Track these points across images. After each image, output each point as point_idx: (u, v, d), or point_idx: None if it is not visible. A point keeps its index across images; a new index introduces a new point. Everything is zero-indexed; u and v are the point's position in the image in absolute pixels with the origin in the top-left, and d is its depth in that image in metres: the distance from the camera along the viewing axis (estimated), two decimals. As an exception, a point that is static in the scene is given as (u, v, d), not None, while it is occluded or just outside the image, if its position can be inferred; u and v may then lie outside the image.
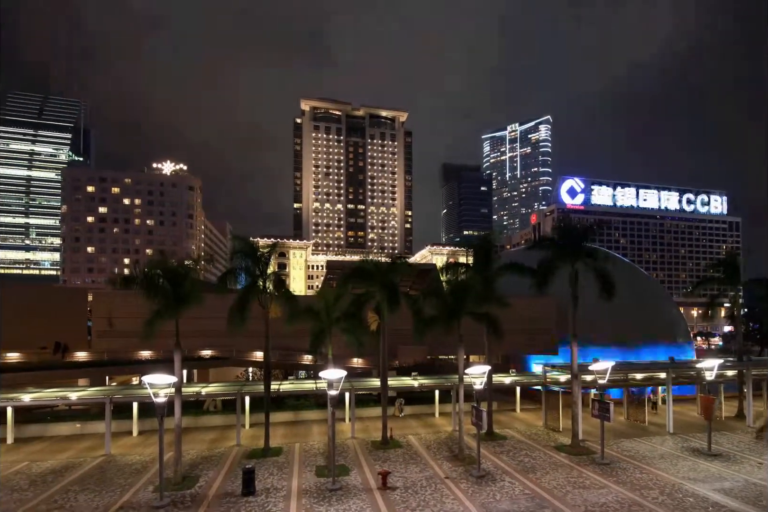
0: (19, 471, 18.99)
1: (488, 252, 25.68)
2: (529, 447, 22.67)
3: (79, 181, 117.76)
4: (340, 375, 18.07)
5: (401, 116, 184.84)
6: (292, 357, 32.70)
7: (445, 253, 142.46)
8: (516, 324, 35.91)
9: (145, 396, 21.54)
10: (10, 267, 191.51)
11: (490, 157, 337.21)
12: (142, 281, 18.56)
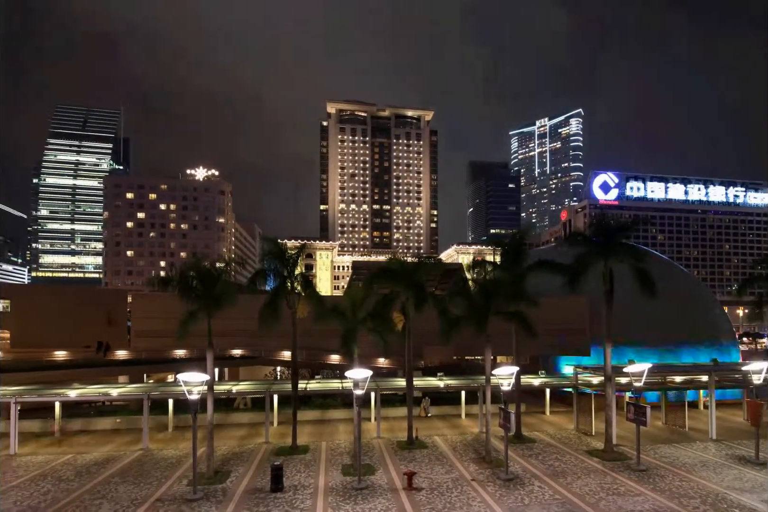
0: (66, 463, 20.23)
1: (517, 249, 25.08)
2: (559, 450, 22.05)
3: (119, 188, 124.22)
4: (366, 374, 18.17)
5: (427, 115, 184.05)
6: (318, 356, 33.25)
7: (471, 252, 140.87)
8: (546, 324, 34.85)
9: (179, 394, 22.45)
10: (58, 271, 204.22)
11: (518, 154, 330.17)
12: (177, 283, 19.39)
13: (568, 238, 24.88)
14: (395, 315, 24.48)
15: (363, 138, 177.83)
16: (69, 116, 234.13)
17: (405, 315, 24.10)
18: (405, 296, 23.56)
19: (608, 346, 22.71)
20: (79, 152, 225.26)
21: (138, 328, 38.14)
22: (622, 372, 22.58)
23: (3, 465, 19.79)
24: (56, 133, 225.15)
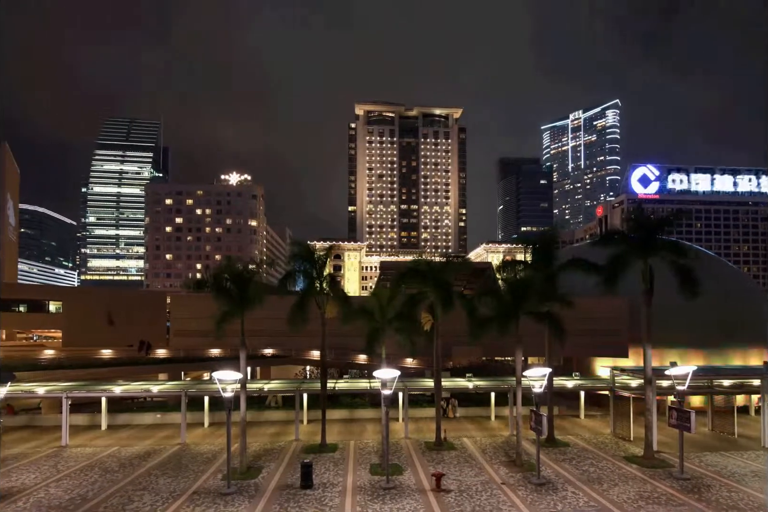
0: (111, 455, 21.44)
1: (549, 248, 24.37)
2: (594, 456, 21.24)
3: (158, 195, 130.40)
4: (394, 374, 18.20)
5: (455, 113, 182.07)
6: (347, 356, 33.59)
7: (501, 251, 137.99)
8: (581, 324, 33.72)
9: (214, 391, 23.23)
10: (104, 274, 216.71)
11: (551, 149, 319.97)
12: (212, 285, 20.14)
13: (604, 235, 23.89)
14: (423, 315, 24.36)
15: (390, 138, 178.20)
16: (114, 128, 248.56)
17: (433, 316, 23.92)
18: (433, 296, 23.38)
19: (648, 348, 21.69)
20: (123, 162, 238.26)
21: (176, 328, 39.87)
22: (664, 374, 21.45)
23: (56, 456, 21.20)
24: (103, 145, 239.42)
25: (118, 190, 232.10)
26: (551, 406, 24.20)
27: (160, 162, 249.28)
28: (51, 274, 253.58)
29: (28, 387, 24.83)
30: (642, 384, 22.73)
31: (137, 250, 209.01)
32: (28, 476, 18.48)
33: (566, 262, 23.94)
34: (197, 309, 35.13)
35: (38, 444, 23.25)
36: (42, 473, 18.87)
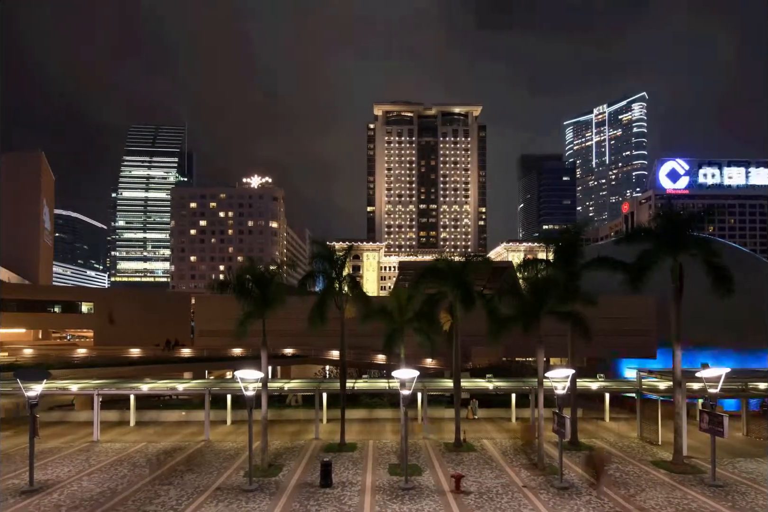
0: (139, 450, 22.18)
1: (572, 246, 23.79)
2: (620, 460, 20.61)
3: (183, 199, 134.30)
4: (413, 375, 18.14)
5: (475, 111, 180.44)
6: (366, 356, 33.72)
7: (522, 250, 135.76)
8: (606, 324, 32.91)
9: (237, 390, 23.78)
10: (132, 276, 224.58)
11: (574, 144, 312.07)
12: (234, 286, 20.54)
13: (630, 232, 23.14)
14: (442, 315, 24.22)
15: (409, 138, 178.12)
16: (141, 134, 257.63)
17: (452, 316, 23.75)
18: (452, 296, 23.22)
19: (677, 349, 20.87)
20: (149, 167, 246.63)
21: (200, 328, 40.95)
22: (695, 377, 20.64)
23: (88, 450, 22.08)
24: (130, 151, 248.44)
25: (145, 194, 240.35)
26: (575, 408, 23.64)
27: (185, 166, 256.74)
28: (83, 276, 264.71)
29: (62, 385, 25.94)
30: (671, 387, 21.92)
31: (163, 252, 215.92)
32: (63, 469, 19.30)
33: (591, 260, 23.34)
34: (220, 309, 35.95)
35: (71, 439, 24.26)
36: (75, 467, 19.67)
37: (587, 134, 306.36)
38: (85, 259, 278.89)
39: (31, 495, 16.42)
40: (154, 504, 15.68)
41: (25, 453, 19.93)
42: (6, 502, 15.76)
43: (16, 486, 17.15)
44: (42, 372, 19.95)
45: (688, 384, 22.07)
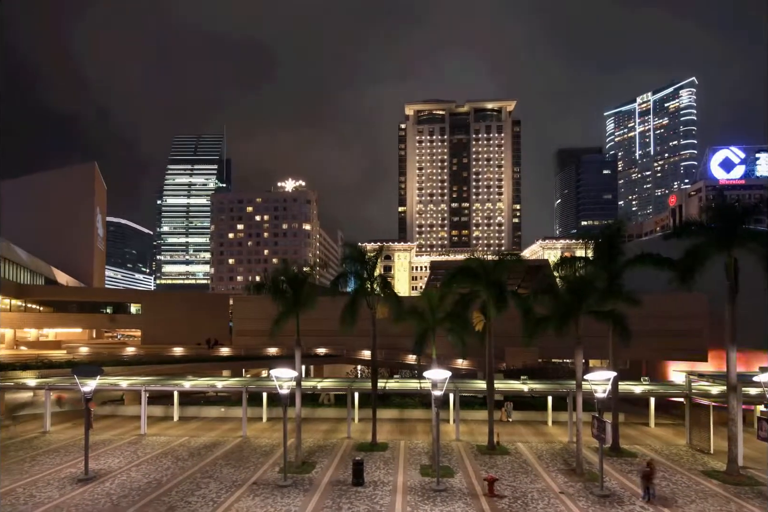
0: (182, 444, 23.27)
1: (614, 242, 22.67)
2: (667, 468, 19.44)
3: (222, 204, 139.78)
4: (445, 375, 17.97)
5: (509, 106, 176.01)
6: (397, 356, 33.75)
7: (559, 247, 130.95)
8: (651, 324, 31.36)
9: (272, 388, 24.33)
10: (175, 279, 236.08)
11: (615, 136, 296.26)
12: (269, 287, 21.13)
13: (678, 226, 21.75)
14: (475, 315, 23.76)
15: (441, 136, 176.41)
16: (183, 143, 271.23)
17: (485, 316, 23.24)
18: (485, 295, 22.73)
19: (732, 351, 19.41)
20: (191, 174, 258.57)
21: (238, 328, 42.51)
22: (752, 381, 19.17)
23: (136, 443, 23.42)
24: (174, 160, 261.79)
25: (187, 201, 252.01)
26: (616, 413, 22.58)
27: (223, 173, 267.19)
28: (132, 279, 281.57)
29: (113, 381, 27.65)
30: (724, 392, 20.46)
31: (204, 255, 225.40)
32: (113, 460, 20.57)
33: (634, 257, 22.15)
34: (257, 310, 37.18)
35: (121, 432, 25.81)
36: (124, 458, 20.90)
37: (630, 124, 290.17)
38: (134, 263, 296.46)
39: (86, 483, 17.61)
40: (195, 496, 16.39)
41: (81, 444, 21.38)
42: (65, 489, 16.99)
43: (74, 475, 18.44)
44: (96, 369, 21.25)
45: (743, 389, 20.51)
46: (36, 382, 27.57)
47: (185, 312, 48.46)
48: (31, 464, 19.87)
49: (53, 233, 79.73)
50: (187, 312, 48.66)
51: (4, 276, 44.09)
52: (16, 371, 29.91)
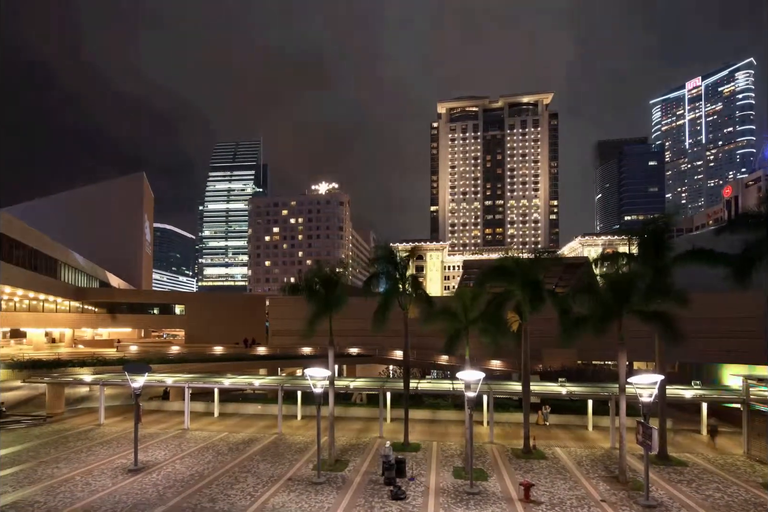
0: (222, 439, 24.20)
1: (661, 237, 21.27)
2: (721, 479, 18.11)
3: (259, 208, 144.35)
4: (478, 376, 17.63)
5: (545, 98, 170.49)
6: (429, 356, 33.47)
7: (600, 244, 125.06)
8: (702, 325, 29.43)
9: (306, 387, 24.95)
10: (215, 281, 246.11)
11: (662, 125, 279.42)
12: (303, 288, 21.58)
13: (734, 219, 20.20)
14: (510, 315, 23.16)
15: (474, 133, 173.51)
16: (223, 151, 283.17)
17: (520, 316, 22.62)
18: (520, 295, 22.08)
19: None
20: (230, 180, 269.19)
21: (274, 328, 43.74)
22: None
23: (180, 437, 24.59)
24: (214, 167, 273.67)
25: (227, 206, 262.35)
26: (663, 418, 21.27)
27: (260, 178, 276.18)
28: (176, 282, 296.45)
29: (159, 378, 29.15)
30: (787, 398, 18.84)
31: (242, 258, 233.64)
32: (160, 453, 21.68)
33: (684, 253, 20.75)
34: (291, 310, 38.07)
35: (167, 426, 27.18)
36: (170, 451, 21.99)
37: (678, 112, 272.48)
38: (178, 266, 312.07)
39: (136, 473, 18.68)
40: (234, 490, 16.99)
41: (130, 437, 22.72)
42: (117, 478, 18.12)
43: (124, 465, 19.62)
44: (145, 366, 22.41)
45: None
46: (91, 378, 29.57)
47: (224, 313, 50.45)
48: (87, 454, 21.33)
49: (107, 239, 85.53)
50: (226, 312, 50.63)
51: (65, 281, 47.54)
52: (75, 367, 32.24)
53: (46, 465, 19.75)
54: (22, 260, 35.15)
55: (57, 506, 15.42)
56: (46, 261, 41.30)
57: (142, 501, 15.85)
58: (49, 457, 20.82)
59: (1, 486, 17.33)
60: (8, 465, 19.67)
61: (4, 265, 31.02)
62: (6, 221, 31.70)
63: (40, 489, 16.99)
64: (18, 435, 24.66)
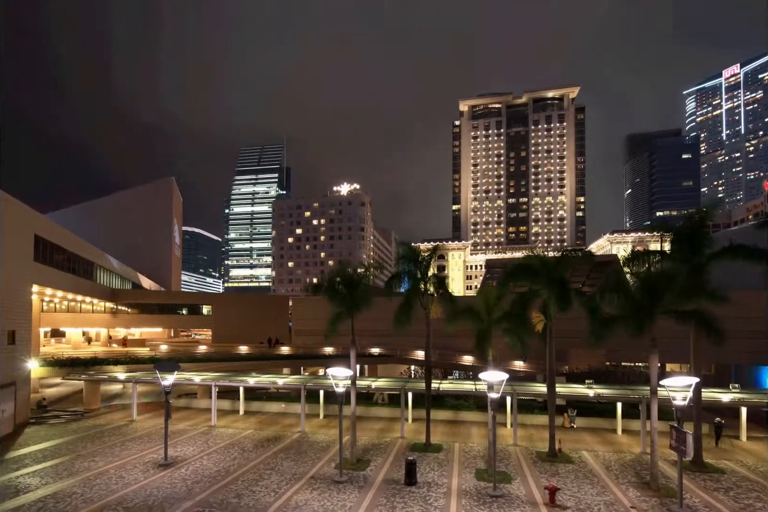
0: (247, 436, 24.71)
1: (697, 232, 20.28)
2: (762, 488, 17.10)
3: (282, 210, 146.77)
4: (501, 377, 17.34)
5: (571, 92, 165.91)
6: (451, 357, 33.12)
7: (630, 241, 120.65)
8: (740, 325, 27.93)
9: (328, 386, 25.17)
10: (241, 282, 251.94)
11: (696, 116, 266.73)
12: (326, 288, 21.75)
13: None
14: (534, 315, 22.63)
15: (497, 130, 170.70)
16: (248, 155, 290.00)
17: (546, 316, 22.07)
18: (545, 294, 21.55)
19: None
20: (255, 184, 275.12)
21: (297, 328, 44.32)
22: None
23: (207, 434, 25.27)
24: (240, 171, 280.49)
25: (251, 208, 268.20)
26: (699, 423, 20.30)
27: (283, 180, 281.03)
28: (203, 283, 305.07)
29: (188, 376, 30.03)
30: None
31: (266, 259, 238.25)
32: (188, 448, 22.33)
33: (722, 249, 19.78)
34: (314, 310, 38.55)
35: (195, 422, 27.97)
36: (197, 447, 22.61)
37: (714, 101, 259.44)
38: (205, 268, 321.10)
39: (166, 468, 19.30)
40: (259, 486, 17.30)
41: (161, 433, 23.56)
42: (148, 472, 18.78)
43: (155, 460, 20.30)
44: (174, 365, 23.15)
45: None
46: (125, 376, 30.79)
47: (249, 313, 51.51)
48: (120, 448, 22.20)
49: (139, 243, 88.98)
50: (251, 313, 51.69)
51: (100, 283, 49.69)
52: (110, 365, 33.66)
53: (83, 458, 20.68)
54: (62, 264, 36.92)
55: (93, 497, 16.11)
56: (84, 264, 43.23)
57: (171, 495, 16.36)
58: (85, 451, 21.80)
59: (44, 477, 18.27)
60: (49, 458, 20.72)
61: (46, 269, 32.66)
62: (48, 227, 33.38)
63: (77, 481, 17.81)
64: (58, 430, 25.94)
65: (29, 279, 28.92)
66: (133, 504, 15.56)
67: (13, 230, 26.35)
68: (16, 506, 15.43)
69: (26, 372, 27.52)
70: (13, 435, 24.66)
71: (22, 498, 16.07)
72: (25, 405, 27.53)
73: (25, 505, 15.47)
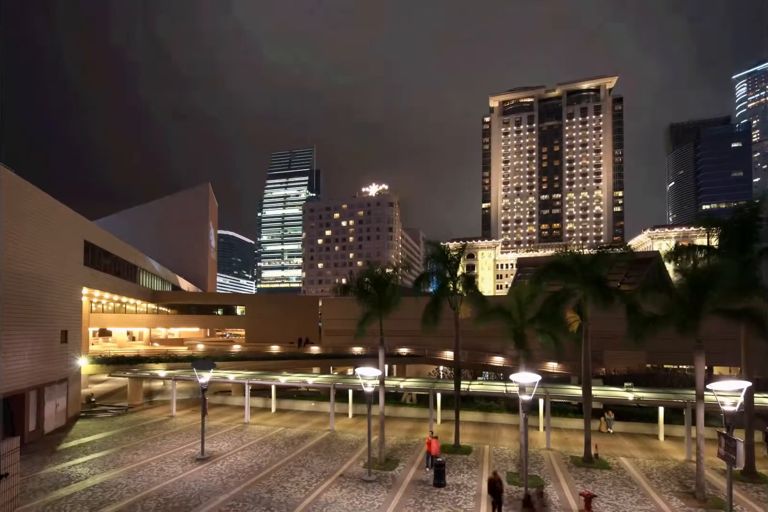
0: (278, 434, 25.25)
1: (749, 227, 19.01)
2: (825, 503, 15.78)
3: (312, 212, 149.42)
4: (534, 379, 16.83)
5: (608, 82, 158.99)
6: (480, 357, 32.50)
7: (673, 237, 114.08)
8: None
9: (357, 385, 25.33)
10: (273, 283, 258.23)
11: (748, 101, 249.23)
12: (354, 288, 21.88)
13: None
14: (569, 315, 21.80)
15: (529, 125, 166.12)
16: (279, 159, 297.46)
17: (581, 315, 21.22)
18: (581, 293, 20.73)
19: None
20: (286, 187, 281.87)
21: (326, 328, 44.93)
22: None
23: (241, 430, 26.01)
24: (272, 175, 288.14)
25: (283, 211, 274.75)
26: (751, 430, 18.94)
27: (313, 183, 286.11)
28: (237, 284, 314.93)
29: (223, 374, 31.06)
30: None
31: (296, 261, 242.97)
32: (223, 444, 23.07)
33: None
34: (343, 311, 38.92)
35: (229, 419, 28.86)
36: (232, 443, 23.32)
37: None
38: (239, 270, 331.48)
39: (203, 462, 20.03)
40: (290, 482, 17.62)
41: (198, 428, 24.44)
42: (186, 466, 19.55)
43: (193, 454, 21.11)
44: (210, 363, 23.98)
45: None
46: (165, 373, 32.21)
47: (281, 314, 52.66)
48: (161, 442, 23.23)
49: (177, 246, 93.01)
50: (282, 313, 52.82)
51: (143, 285, 52.30)
52: (151, 363, 35.34)
53: (127, 451, 21.79)
54: (109, 267, 39.11)
55: (136, 488, 16.94)
56: (128, 267, 45.62)
57: (207, 488, 16.94)
58: (129, 444, 22.96)
59: (92, 467, 19.39)
60: (97, 450, 21.98)
61: (95, 272, 34.68)
62: (96, 233, 35.45)
63: (122, 472, 18.78)
64: (105, 423, 27.49)
65: (79, 282, 30.78)
66: (173, 495, 16.23)
67: (65, 237, 28.17)
68: (70, 493, 16.50)
69: (77, 369, 29.27)
70: (65, 428, 26.34)
71: (74, 487, 17.15)
72: (76, 400, 29.31)
73: (77, 493, 16.50)
